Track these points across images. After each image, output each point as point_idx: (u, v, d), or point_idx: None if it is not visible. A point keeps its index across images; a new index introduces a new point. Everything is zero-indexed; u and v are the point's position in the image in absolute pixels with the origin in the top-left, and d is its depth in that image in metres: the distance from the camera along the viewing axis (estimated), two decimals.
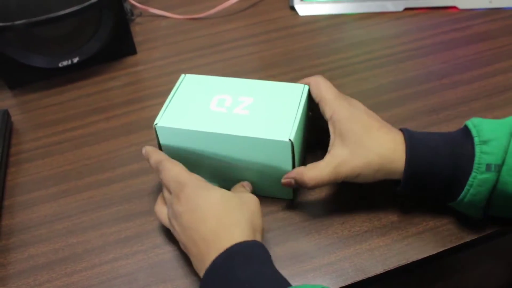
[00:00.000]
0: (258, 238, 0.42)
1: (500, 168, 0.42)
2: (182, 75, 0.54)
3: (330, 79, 0.52)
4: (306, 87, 0.51)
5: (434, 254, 0.47)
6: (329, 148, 0.48)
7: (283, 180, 0.48)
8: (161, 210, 0.48)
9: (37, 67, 0.68)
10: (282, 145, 0.46)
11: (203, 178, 0.45)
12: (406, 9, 0.78)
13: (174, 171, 0.45)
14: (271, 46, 0.74)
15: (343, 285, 0.45)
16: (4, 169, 0.58)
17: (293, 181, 0.47)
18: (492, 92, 0.63)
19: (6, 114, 0.64)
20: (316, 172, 0.46)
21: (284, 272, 0.46)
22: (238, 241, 0.40)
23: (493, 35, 0.72)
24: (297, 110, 0.49)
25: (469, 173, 0.43)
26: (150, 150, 0.49)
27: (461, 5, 0.78)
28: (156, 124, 0.49)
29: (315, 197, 0.53)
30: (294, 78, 0.67)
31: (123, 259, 0.49)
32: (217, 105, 0.50)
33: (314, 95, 0.50)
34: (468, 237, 0.48)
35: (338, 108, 0.48)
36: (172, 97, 0.52)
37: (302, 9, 0.79)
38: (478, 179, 0.42)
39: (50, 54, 0.68)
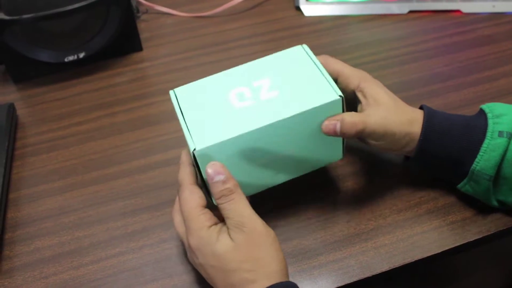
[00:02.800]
0: (284, 273, 0.41)
1: (511, 136, 0.45)
2: (171, 92, 0.47)
3: None
4: (305, 46, 0.48)
5: (438, 253, 0.48)
6: (362, 108, 0.48)
7: (328, 122, 0.44)
8: (178, 219, 0.45)
9: (43, 62, 0.68)
10: (335, 104, 0.44)
11: (211, 216, 0.42)
12: (411, 11, 0.79)
13: (186, 206, 0.42)
14: (276, 45, 0.74)
15: (348, 282, 0.46)
16: (9, 163, 0.58)
17: (338, 125, 0.44)
18: (495, 95, 0.64)
19: (12, 107, 0.64)
20: (363, 117, 0.46)
21: (291, 268, 0.46)
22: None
23: (497, 39, 0.73)
24: (319, 68, 0.46)
25: (482, 141, 0.45)
26: (181, 162, 0.46)
27: (465, 9, 0.78)
28: (195, 150, 0.42)
29: (321, 196, 0.53)
30: None
31: (129, 253, 0.49)
32: (239, 100, 0.45)
33: (328, 71, 0.47)
34: (472, 237, 0.49)
35: (363, 76, 0.49)
36: (184, 117, 0.45)
37: (308, 10, 0.80)
38: (491, 144, 0.45)
39: (56, 49, 0.68)
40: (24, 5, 0.63)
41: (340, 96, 0.44)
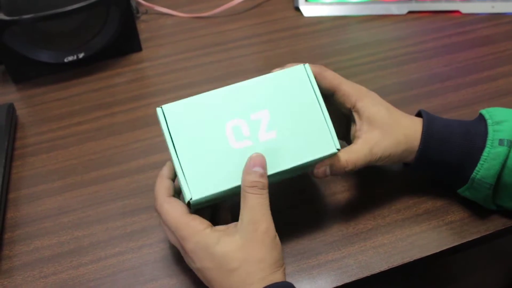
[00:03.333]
0: (277, 275, 0.41)
1: (511, 144, 0.45)
2: (159, 110, 0.43)
3: None
4: (307, 66, 0.45)
5: (437, 253, 0.48)
6: (356, 133, 0.48)
7: (317, 170, 0.45)
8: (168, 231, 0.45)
9: (43, 62, 0.68)
10: (331, 154, 0.44)
11: (201, 220, 0.42)
12: (410, 12, 0.79)
13: (170, 218, 0.42)
14: (276, 46, 0.74)
15: (347, 281, 0.46)
16: (9, 163, 0.58)
17: (328, 169, 0.45)
18: (494, 96, 0.64)
19: (11, 108, 0.64)
20: (352, 155, 0.46)
21: (290, 268, 0.46)
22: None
23: (496, 40, 0.73)
24: (319, 102, 0.44)
25: (482, 149, 0.45)
26: (160, 174, 0.46)
27: (464, 10, 0.78)
28: (191, 199, 0.41)
29: (320, 195, 0.53)
30: None
31: (128, 253, 0.49)
32: (236, 139, 0.43)
33: (324, 86, 0.47)
34: (471, 236, 0.49)
35: (360, 93, 0.48)
36: (175, 148, 0.42)
37: (307, 10, 0.80)
38: (492, 153, 0.45)
39: (56, 49, 0.68)
40: (24, 6, 0.63)
41: (337, 149, 0.44)
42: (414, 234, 0.49)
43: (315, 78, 0.45)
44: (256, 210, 0.40)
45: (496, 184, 0.46)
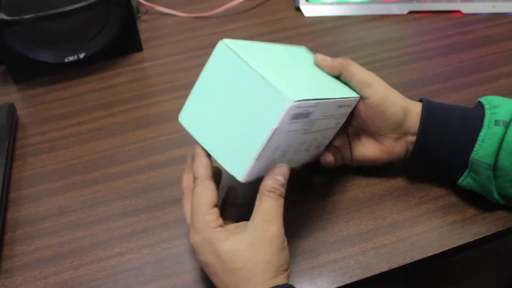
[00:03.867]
0: (281, 278, 0.41)
1: (507, 125, 0.46)
2: (221, 43, 0.42)
3: None
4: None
5: (438, 253, 0.48)
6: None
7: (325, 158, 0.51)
8: (187, 208, 0.45)
9: (44, 62, 0.68)
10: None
11: (216, 217, 0.42)
12: (411, 12, 0.79)
13: (196, 201, 0.42)
14: None
15: (348, 282, 0.46)
16: (10, 163, 0.58)
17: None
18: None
19: (12, 107, 0.64)
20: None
21: (290, 268, 0.46)
22: None
23: (497, 40, 0.73)
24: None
25: (479, 131, 0.47)
26: (196, 153, 0.44)
27: (465, 10, 0.78)
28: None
29: (321, 196, 0.53)
30: None
31: (129, 253, 0.49)
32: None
33: (356, 82, 0.49)
34: (472, 237, 0.49)
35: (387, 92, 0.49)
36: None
37: (308, 10, 0.80)
38: (488, 132, 0.46)
39: (56, 49, 0.68)
40: (25, 6, 0.63)
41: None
42: (415, 235, 0.49)
43: (346, 72, 0.49)
44: (269, 212, 0.41)
45: (494, 169, 0.46)
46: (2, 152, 0.57)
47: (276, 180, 0.42)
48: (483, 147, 0.46)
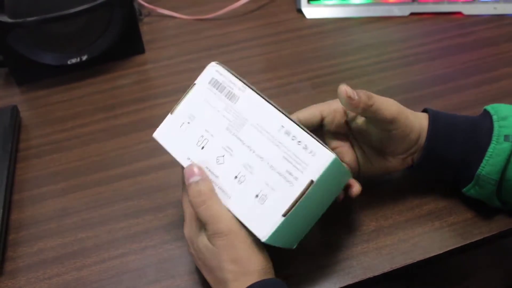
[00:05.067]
0: (268, 271, 0.41)
1: None
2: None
3: (338, 81, 0.53)
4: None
5: (440, 254, 0.48)
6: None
7: (349, 94, 0.42)
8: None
9: (47, 64, 0.68)
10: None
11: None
12: (412, 14, 0.79)
13: (185, 201, 0.44)
14: (279, 47, 0.74)
15: (350, 282, 0.46)
16: (13, 164, 0.58)
17: (363, 98, 0.43)
18: (496, 97, 0.64)
19: (15, 110, 0.64)
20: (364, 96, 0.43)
21: (292, 269, 0.47)
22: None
23: (498, 41, 0.73)
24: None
25: (487, 145, 0.45)
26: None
27: (466, 11, 0.79)
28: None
29: None
30: (302, 79, 0.68)
31: (132, 254, 0.50)
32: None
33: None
34: (474, 238, 0.49)
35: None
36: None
37: (309, 12, 0.80)
38: (497, 149, 0.45)
39: (59, 52, 0.69)
40: (28, 8, 0.63)
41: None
42: (417, 236, 0.49)
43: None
44: (210, 222, 0.40)
45: (500, 179, 0.46)
46: (6, 154, 0.57)
47: (192, 183, 0.41)
48: (490, 163, 0.45)
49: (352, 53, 0.72)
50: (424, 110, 0.50)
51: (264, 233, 0.39)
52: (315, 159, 0.39)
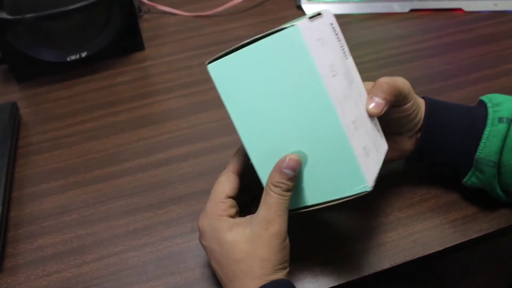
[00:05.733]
0: (278, 275, 0.41)
1: (510, 122, 0.46)
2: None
3: None
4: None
5: (440, 251, 0.48)
6: None
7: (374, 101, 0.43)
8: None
9: (46, 61, 0.68)
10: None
11: (228, 206, 0.42)
12: (412, 10, 0.79)
13: (214, 188, 0.43)
14: None
15: (350, 279, 0.46)
16: (12, 161, 0.58)
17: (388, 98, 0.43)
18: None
19: (15, 106, 0.64)
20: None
21: (292, 266, 0.46)
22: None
23: (498, 38, 0.73)
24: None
25: (483, 129, 0.46)
26: (238, 149, 0.45)
27: (467, 8, 0.78)
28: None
29: None
30: None
31: (131, 251, 0.49)
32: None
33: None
34: (474, 235, 0.49)
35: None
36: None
37: (309, 9, 0.80)
38: (493, 130, 0.46)
39: (58, 48, 0.69)
40: (27, 5, 0.63)
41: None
42: (417, 232, 0.49)
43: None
44: (272, 209, 0.40)
45: (498, 166, 0.46)
46: (5, 151, 0.57)
47: (283, 173, 0.40)
48: (488, 145, 0.46)
49: (351, 50, 0.71)
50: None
51: (370, 183, 0.40)
52: (383, 146, 0.44)
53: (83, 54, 0.69)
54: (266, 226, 0.40)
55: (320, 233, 0.49)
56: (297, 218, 0.51)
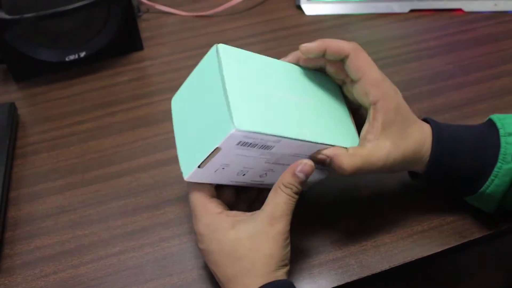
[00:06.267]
0: (280, 272, 0.41)
1: None
2: (214, 47, 0.41)
3: None
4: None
5: (439, 252, 0.48)
6: (368, 136, 0.43)
7: (317, 155, 0.42)
8: None
9: (44, 61, 0.68)
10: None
11: (218, 204, 0.43)
12: (412, 10, 0.78)
13: (193, 197, 0.43)
14: (278, 44, 0.74)
15: (348, 280, 0.46)
16: (10, 161, 0.58)
17: (328, 160, 0.42)
18: (496, 94, 0.64)
19: (13, 106, 0.64)
20: (357, 161, 0.42)
21: (290, 267, 0.46)
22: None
23: (498, 38, 0.73)
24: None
25: (493, 164, 0.43)
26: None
27: (467, 8, 0.78)
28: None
29: (321, 194, 0.53)
30: None
31: (129, 252, 0.49)
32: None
33: (353, 69, 0.43)
34: (473, 236, 0.49)
35: (387, 94, 0.43)
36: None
37: (309, 9, 0.80)
38: (503, 169, 0.43)
39: (57, 48, 0.68)
40: (25, 5, 0.63)
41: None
42: (416, 233, 0.49)
43: (349, 56, 0.43)
44: (280, 207, 0.41)
45: (503, 197, 0.45)
46: (3, 151, 0.57)
47: (296, 176, 0.41)
48: (496, 183, 0.43)
49: None
50: (424, 120, 0.48)
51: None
52: None
53: (82, 54, 0.69)
54: (272, 222, 0.40)
55: (318, 235, 0.49)
56: (296, 218, 0.51)
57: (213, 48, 0.41)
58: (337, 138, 0.43)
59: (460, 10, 0.78)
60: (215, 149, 0.38)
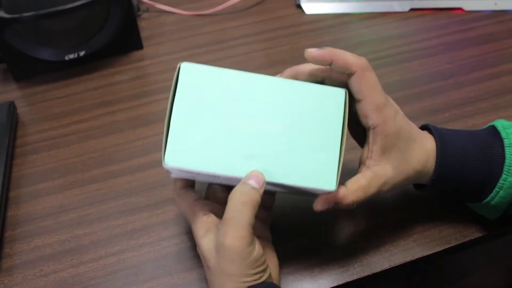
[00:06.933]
0: (265, 275, 0.39)
1: None
2: (180, 65, 0.40)
3: None
4: (347, 93, 0.41)
5: (439, 251, 0.48)
6: (367, 161, 0.42)
7: (321, 206, 0.41)
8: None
9: (44, 60, 0.68)
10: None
11: (203, 207, 0.43)
12: (412, 9, 0.78)
13: (182, 207, 0.44)
14: (277, 43, 0.74)
15: (349, 280, 0.46)
16: (9, 161, 0.58)
17: (332, 205, 0.41)
18: (497, 93, 0.64)
19: (12, 106, 0.64)
20: (360, 195, 0.41)
21: (291, 267, 0.46)
22: None
23: (498, 37, 0.73)
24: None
25: (499, 176, 0.42)
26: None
27: (467, 7, 0.78)
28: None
29: None
30: None
31: (129, 251, 0.49)
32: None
33: (355, 88, 0.41)
34: (473, 235, 0.49)
35: (387, 119, 0.41)
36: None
37: (309, 8, 0.80)
38: (508, 181, 0.42)
39: (57, 47, 0.68)
40: (25, 3, 0.63)
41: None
42: (416, 233, 0.49)
43: (355, 75, 0.41)
44: (235, 217, 0.38)
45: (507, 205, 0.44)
46: (2, 150, 0.57)
47: (246, 184, 0.38)
48: (501, 195, 0.43)
49: (351, 49, 0.71)
50: (424, 127, 0.47)
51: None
52: None
53: (82, 53, 0.69)
54: (223, 235, 0.38)
55: (318, 234, 0.49)
56: (296, 218, 0.51)
57: (178, 67, 0.40)
58: (295, 174, 0.39)
59: (460, 9, 0.78)
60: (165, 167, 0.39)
